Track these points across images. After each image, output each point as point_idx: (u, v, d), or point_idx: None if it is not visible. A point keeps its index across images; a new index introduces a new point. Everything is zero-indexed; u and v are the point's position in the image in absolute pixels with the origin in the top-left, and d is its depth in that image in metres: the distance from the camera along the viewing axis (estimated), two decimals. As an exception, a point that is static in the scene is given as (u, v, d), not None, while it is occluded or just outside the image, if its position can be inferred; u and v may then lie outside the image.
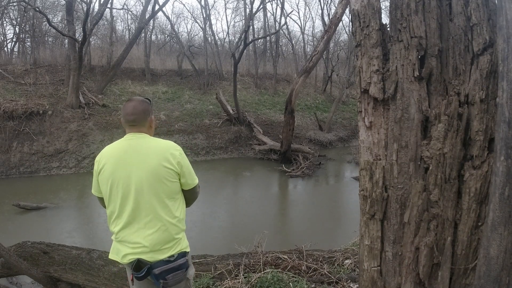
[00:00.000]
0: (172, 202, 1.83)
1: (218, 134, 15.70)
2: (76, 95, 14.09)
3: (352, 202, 9.44)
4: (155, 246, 1.76)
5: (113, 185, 1.81)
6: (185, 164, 1.86)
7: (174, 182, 1.82)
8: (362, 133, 1.56)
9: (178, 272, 1.80)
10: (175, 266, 1.79)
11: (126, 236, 1.80)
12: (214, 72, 20.11)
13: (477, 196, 1.35)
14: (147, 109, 1.90)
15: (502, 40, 1.22)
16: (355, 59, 1.70)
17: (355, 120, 18.17)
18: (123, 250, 1.82)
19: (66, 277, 3.31)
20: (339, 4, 11.87)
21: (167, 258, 1.77)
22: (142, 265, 1.76)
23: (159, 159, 1.78)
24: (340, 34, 23.81)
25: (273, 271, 2.96)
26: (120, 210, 1.81)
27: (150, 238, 1.76)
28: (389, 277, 1.51)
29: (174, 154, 1.81)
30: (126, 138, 1.88)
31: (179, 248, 1.82)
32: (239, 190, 11.49)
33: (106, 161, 1.84)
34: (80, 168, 12.51)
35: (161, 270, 1.76)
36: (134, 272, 1.78)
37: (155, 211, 1.77)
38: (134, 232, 1.79)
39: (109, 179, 1.81)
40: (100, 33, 21.84)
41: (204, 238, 6.60)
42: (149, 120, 1.92)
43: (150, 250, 1.76)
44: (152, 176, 1.77)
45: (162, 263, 1.76)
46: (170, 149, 1.83)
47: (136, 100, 1.91)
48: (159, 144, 1.85)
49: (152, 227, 1.77)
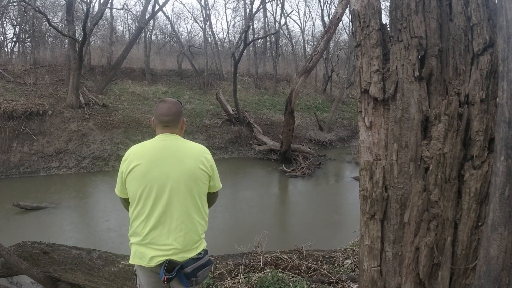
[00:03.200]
0: (202, 203, 1.89)
1: (218, 134, 15.70)
2: (76, 95, 14.09)
3: (352, 202, 9.44)
4: (186, 246, 1.79)
5: (147, 185, 1.78)
6: (215, 168, 1.96)
7: (206, 184, 1.89)
8: (362, 133, 1.56)
9: (206, 268, 1.87)
10: (204, 262, 1.86)
11: (156, 238, 1.78)
12: (214, 72, 20.11)
13: (477, 196, 1.35)
14: (180, 110, 1.96)
15: (502, 40, 1.22)
16: (355, 59, 1.70)
17: (355, 120, 18.17)
18: (150, 253, 1.78)
19: (66, 277, 3.30)
20: (339, 4, 11.87)
21: (196, 256, 1.83)
22: (173, 265, 1.77)
23: (196, 161, 1.84)
24: (340, 34, 23.84)
25: (273, 271, 2.96)
26: (150, 211, 1.78)
27: (182, 240, 1.78)
28: (389, 277, 1.51)
29: (207, 158, 1.90)
30: (159, 138, 1.88)
31: (203, 246, 1.90)
32: (239, 190, 11.49)
33: (138, 161, 1.80)
34: (80, 168, 12.51)
35: (193, 267, 1.80)
36: (167, 273, 1.75)
37: (188, 212, 1.81)
38: (164, 234, 1.77)
39: (142, 179, 1.78)
40: (100, 33, 21.84)
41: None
42: (182, 121, 1.96)
43: (180, 251, 1.78)
44: (189, 177, 1.81)
45: (192, 261, 1.81)
46: (204, 152, 1.91)
47: (170, 102, 1.93)
48: (193, 147, 1.92)
49: (184, 228, 1.79)
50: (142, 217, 1.79)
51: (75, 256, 3.36)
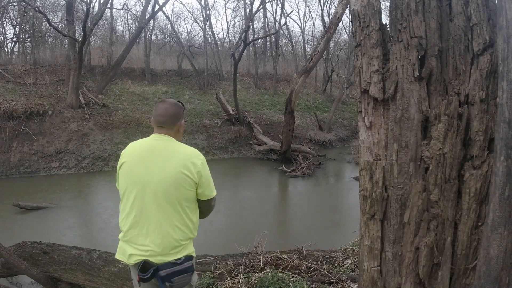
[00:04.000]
0: (186, 209, 1.81)
1: (218, 134, 15.70)
2: (76, 95, 14.09)
3: (352, 202, 9.44)
4: (164, 250, 1.75)
5: (130, 183, 1.81)
6: (205, 174, 1.83)
7: (189, 190, 1.79)
8: (362, 133, 1.56)
9: (185, 275, 1.79)
10: (182, 268, 1.78)
11: (134, 237, 1.79)
12: (214, 72, 20.11)
13: (477, 196, 1.35)
14: (178, 113, 1.89)
15: (502, 40, 1.22)
16: (355, 59, 1.70)
17: (355, 120, 18.17)
18: (129, 250, 1.80)
19: (66, 277, 3.30)
20: (339, 4, 11.87)
21: (174, 261, 1.77)
22: (148, 267, 1.76)
23: (180, 165, 1.77)
24: (340, 34, 23.85)
25: (273, 271, 2.96)
26: (130, 209, 1.80)
27: (159, 243, 1.75)
28: (389, 277, 1.51)
29: (195, 163, 1.79)
30: (152, 137, 1.88)
31: (186, 252, 1.82)
32: (239, 190, 11.49)
33: (127, 158, 1.85)
34: (80, 168, 12.51)
35: (168, 272, 1.75)
36: (140, 273, 1.76)
37: (167, 216, 1.76)
38: (143, 234, 1.77)
39: (127, 175, 1.82)
40: (100, 33, 21.84)
41: (204, 238, 6.59)
42: (178, 124, 1.89)
43: (158, 254, 1.76)
44: (169, 180, 1.75)
45: (169, 265, 1.76)
46: (192, 157, 1.81)
47: (168, 103, 1.89)
48: (182, 150, 1.83)
49: (162, 232, 1.75)
50: (124, 213, 1.83)
51: (75, 256, 3.36)
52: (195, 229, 1.88)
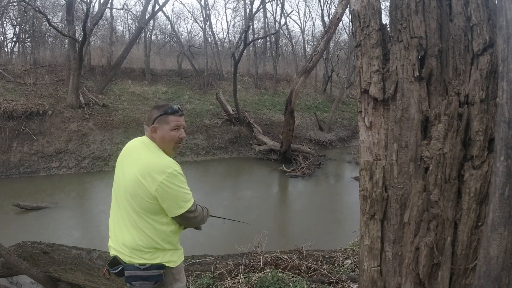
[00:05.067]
0: (152, 218, 1.73)
1: (218, 134, 15.70)
2: (76, 95, 14.10)
3: (352, 202, 9.45)
4: (132, 252, 1.76)
5: (114, 178, 1.90)
6: (169, 191, 1.66)
7: (149, 202, 1.68)
8: (362, 133, 1.56)
9: (146, 282, 1.75)
10: (144, 275, 1.74)
11: (112, 232, 1.87)
12: (214, 72, 20.12)
13: (477, 196, 1.35)
14: (151, 116, 1.80)
15: (502, 40, 1.22)
16: (355, 59, 1.70)
17: (355, 120, 18.18)
18: (110, 242, 1.89)
19: (66, 277, 3.31)
20: (339, 4, 11.87)
21: (138, 265, 1.75)
22: (116, 263, 1.81)
23: (139, 173, 1.68)
24: (340, 34, 23.85)
25: (273, 271, 2.96)
26: (112, 205, 1.90)
27: (127, 244, 1.76)
28: (389, 277, 1.51)
29: (154, 178, 1.65)
30: (141, 138, 1.90)
31: (157, 260, 1.75)
32: (239, 190, 11.49)
33: (120, 153, 1.92)
34: (80, 168, 12.51)
35: (130, 274, 1.76)
36: (108, 266, 1.84)
37: (133, 219, 1.75)
38: (117, 231, 1.83)
39: (115, 170, 1.90)
40: (100, 33, 21.84)
41: (204, 238, 6.60)
42: (151, 128, 1.78)
43: (126, 254, 1.78)
44: (130, 186, 1.73)
45: (133, 267, 1.76)
46: (153, 171, 1.66)
47: (155, 104, 1.91)
48: (148, 159, 1.72)
49: (129, 234, 1.76)
50: (111, 208, 1.91)
51: (75, 256, 3.36)
52: (164, 241, 1.76)
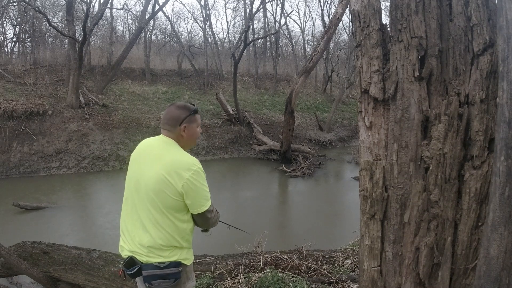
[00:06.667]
0: (174, 215, 1.75)
1: (218, 134, 15.70)
2: (76, 95, 14.09)
3: (352, 202, 9.44)
4: (150, 252, 1.74)
5: (128, 179, 1.87)
6: (194, 188, 1.71)
7: (174, 199, 1.71)
8: (362, 133, 1.56)
9: (166, 281, 1.75)
10: (163, 273, 1.74)
11: (126, 233, 1.83)
12: (214, 72, 20.11)
13: (477, 196, 1.35)
14: (179, 117, 1.79)
15: (502, 40, 1.22)
16: (355, 59, 1.70)
17: (355, 120, 18.18)
18: (123, 244, 1.84)
19: (66, 277, 3.30)
20: (339, 4, 11.87)
21: (157, 264, 1.74)
22: (133, 263, 1.77)
23: (164, 170, 1.70)
24: (340, 34, 23.84)
25: (273, 271, 2.96)
26: (125, 204, 1.86)
27: (145, 243, 1.74)
28: (389, 277, 1.51)
29: (180, 175, 1.69)
30: (156, 137, 1.90)
31: (174, 258, 1.76)
32: (239, 190, 11.49)
33: (133, 154, 1.90)
34: (80, 168, 12.50)
35: (148, 273, 1.74)
36: (124, 268, 1.79)
37: (153, 217, 1.74)
38: (133, 232, 1.79)
39: (128, 171, 1.88)
40: (100, 33, 21.85)
41: (204, 238, 6.58)
42: (179, 128, 1.79)
43: (143, 254, 1.75)
44: (151, 184, 1.72)
45: (151, 267, 1.74)
46: (179, 167, 1.70)
47: (174, 105, 1.85)
48: (172, 156, 1.75)
49: (147, 233, 1.74)
50: (123, 209, 1.87)
51: (75, 256, 3.36)
52: (183, 239, 1.78)
